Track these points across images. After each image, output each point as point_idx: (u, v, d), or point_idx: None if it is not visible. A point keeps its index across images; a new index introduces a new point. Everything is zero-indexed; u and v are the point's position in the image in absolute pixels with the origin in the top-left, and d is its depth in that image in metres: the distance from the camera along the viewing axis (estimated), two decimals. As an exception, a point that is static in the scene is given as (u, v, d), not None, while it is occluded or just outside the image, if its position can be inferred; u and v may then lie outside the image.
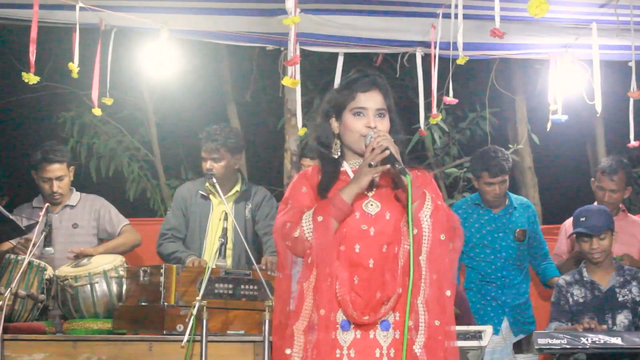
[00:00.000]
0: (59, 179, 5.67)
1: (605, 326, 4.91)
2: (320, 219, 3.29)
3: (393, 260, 3.31)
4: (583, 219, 5.21)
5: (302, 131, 6.02)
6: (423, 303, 3.29)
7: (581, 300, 5.18)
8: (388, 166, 3.28)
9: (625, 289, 5.16)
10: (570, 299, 5.20)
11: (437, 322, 3.27)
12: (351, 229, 3.34)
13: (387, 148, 3.27)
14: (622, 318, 5.11)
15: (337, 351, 3.26)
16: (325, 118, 3.51)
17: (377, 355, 3.28)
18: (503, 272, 5.79)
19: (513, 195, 6.04)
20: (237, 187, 5.68)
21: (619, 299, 5.14)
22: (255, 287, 4.90)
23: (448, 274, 3.34)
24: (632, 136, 5.80)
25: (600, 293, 5.17)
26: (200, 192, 5.70)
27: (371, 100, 3.42)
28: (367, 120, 3.39)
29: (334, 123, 3.48)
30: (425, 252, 3.30)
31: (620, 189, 5.83)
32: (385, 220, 3.36)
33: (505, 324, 5.73)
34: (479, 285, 5.81)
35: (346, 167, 3.46)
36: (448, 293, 3.31)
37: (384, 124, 3.41)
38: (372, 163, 3.27)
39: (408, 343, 3.22)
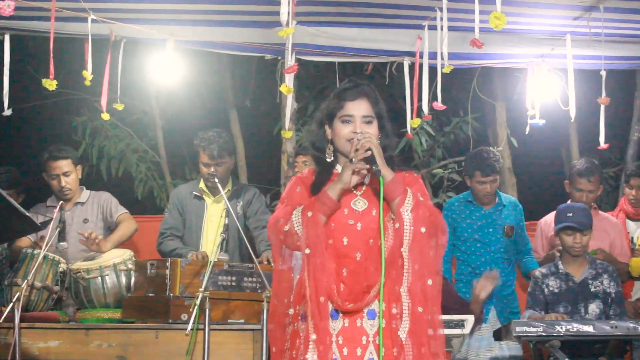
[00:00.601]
0: (66, 174, 5.67)
1: (566, 316, 4.95)
2: (309, 214, 3.34)
3: (377, 253, 3.33)
4: (570, 214, 5.21)
5: (288, 134, 6.06)
6: (406, 291, 3.31)
7: (556, 290, 5.20)
8: (367, 166, 3.33)
9: (597, 281, 5.18)
10: (546, 289, 5.22)
11: (420, 309, 3.30)
12: (339, 223, 3.39)
13: (369, 149, 3.31)
14: (594, 307, 5.13)
15: (327, 338, 3.29)
16: (320, 125, 3.57)
17: (364, 342, 3.31)
18: (492, 264, 5.80)
19: (502, 194, 6.06)
20: (229, 187, 5.69)
21: (591, 290, 5.16)
22: (257, 280, 4.91)
23: (431, 265, 3.37)
24: (602, 139, 5.81)
25: (574, 284, 5.19)
26: (194, 192, 5.70)
27: (358, 108, 3.47)
28: (354, 126, 3.44)
29: (327, 130, 3.53)
30: (407, 244, 3.33)
31: (596, 189, 5.84)
32: (371, 216, 3.40)
33: (492, 313, 5.74)
34: (469, 277, 5.80)
35: (339, 169, 3.50)
36: (429, 282, 3.34)
37: (371, 130, 3.44)
38: (354, 160, 3.32)
39: (393, 329, 3.27)
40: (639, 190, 5.99)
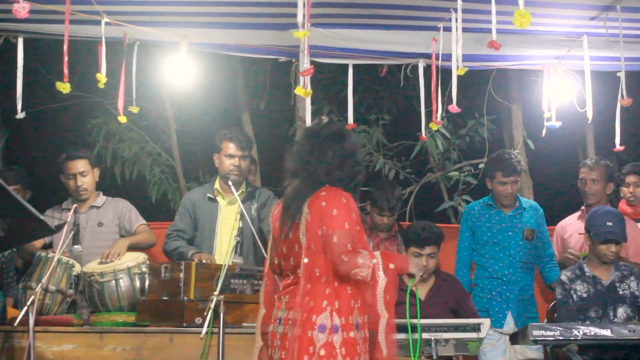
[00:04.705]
0: (82, 174, 5.68)
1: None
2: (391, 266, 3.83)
3: None
4: (610, 223, 5.12)
5: None
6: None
7: (585, 295, 5.13)
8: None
9: (624, 284, 5.13)
10: (575, 295, 5.16)
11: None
12: None
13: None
14: (622, 311, 5.08)
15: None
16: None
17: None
18: (510, 269, 5.78)
19: (522, 198, 6.06)
20: (243, 188, 5.68)
21: (620, 293, 5.11)
22: (269, 283, 4.89)
23: None
24: (617, 141, 5.79)
25: (602, 287, 5.13)
26: (208, 194, 5.68)
27: None
28: None
29: None
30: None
31: (600, 179, 5.91)
32: None
33: (509, 317, 5.72)
34: (486, 282, 5.80)
35: None
36: None
37: None
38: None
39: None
40: (636, 187, 6.03)
